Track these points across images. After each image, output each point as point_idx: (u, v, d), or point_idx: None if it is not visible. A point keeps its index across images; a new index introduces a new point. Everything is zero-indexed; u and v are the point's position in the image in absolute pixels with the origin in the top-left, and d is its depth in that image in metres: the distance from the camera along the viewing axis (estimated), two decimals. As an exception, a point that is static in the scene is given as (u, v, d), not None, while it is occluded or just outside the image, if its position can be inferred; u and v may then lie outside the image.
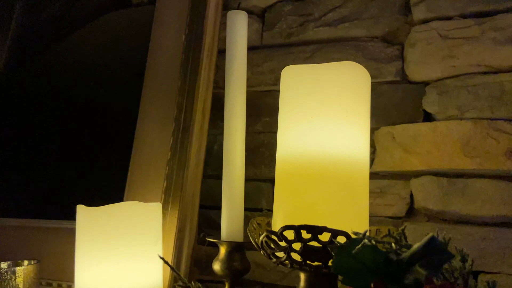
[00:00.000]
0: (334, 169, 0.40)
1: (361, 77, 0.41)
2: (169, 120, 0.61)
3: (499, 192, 0.53)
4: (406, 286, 0.24)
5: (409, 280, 0.23)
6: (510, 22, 0.55)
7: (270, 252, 0.38)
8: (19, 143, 0.73)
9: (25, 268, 0.55)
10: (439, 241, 0.24)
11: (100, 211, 0.45)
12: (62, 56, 0.78)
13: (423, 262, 0.24)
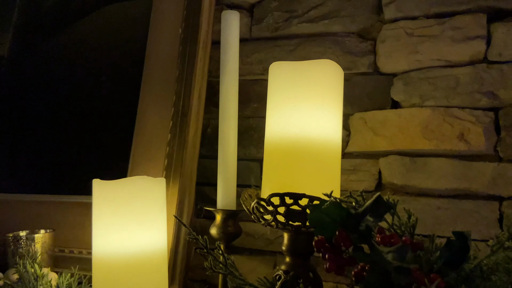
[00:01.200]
0: (312, 148, 0.49)
1: (335, 72, 0.50)
2: (168, 105, 0.68)
3: (452, 169, 0.63)
4: (360, 231, 0.33)
5: (362, 227, 0.32)
6: (466, 23, 0.64)
7: (260, 216, 0.47)
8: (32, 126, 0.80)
9: (42, 235, 0.62)
10: (384, 199, 0.33)
11: (113, 184, 0.53)
12: (65, 43, 0.83)
13: (372, 213, 0.33)
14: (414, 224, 0.40)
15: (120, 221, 0.52)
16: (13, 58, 0.87)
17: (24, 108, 0.82)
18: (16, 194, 0.74)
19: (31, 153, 0.78)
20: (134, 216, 0.53)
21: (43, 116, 0.79)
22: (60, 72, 0.82)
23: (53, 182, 0.74)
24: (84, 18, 0.82)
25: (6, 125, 0.82)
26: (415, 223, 0.40)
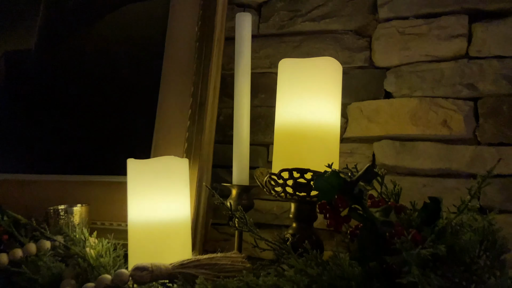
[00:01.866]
0: (315, 132, 0.58)
1: (335, 68, 0.59)
2: (187, 96, 0.77)
3: (437, 151, 0.72)
4: (354, 195, 0.42)
5: (356, 190, 0.41)
6: (450, 23, 0.72)
7: (271, 188, 0.56)
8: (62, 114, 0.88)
9: (79, 208, 0.72)
10: (372, 169, 0.42)
11: (145, 163, 0.62)
12: (89, 39, 0.91)
13: (363, 180, 0.42)
14: (399, 192, 0.49)
15: (150, 194, 0.61)
16: (40, 51, 0.95)
17: (53, 97, 0.90)
18: (52, 175, 0.83)
19: (62, 138, 0.86)
20: (163, 190, 0.62)
21: (72, 105, 0.88)
22: (85, 65, 0.90)
23: (83, 164, 0.83)
24: (106, 16, 0.91)
25: (39, 113, 0.90)
26: (399, 192, 0.49)
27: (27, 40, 0.96)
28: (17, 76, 0.95)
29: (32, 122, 0.89)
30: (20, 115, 0.91)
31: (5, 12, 1.00)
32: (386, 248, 0.42)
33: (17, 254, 0.59)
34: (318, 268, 0.43)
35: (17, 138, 0.89)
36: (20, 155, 0.88)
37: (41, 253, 0.58)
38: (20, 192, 0.79)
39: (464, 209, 0.44)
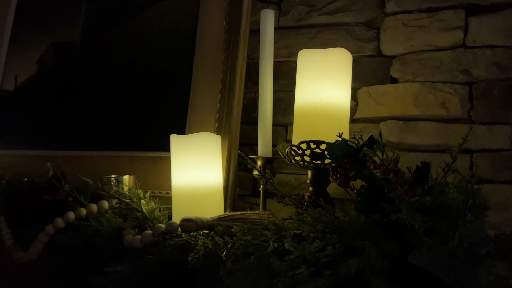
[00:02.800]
0: (328, 112, 0.69)
1: (346, 57, 0.69)
2: (216, 82, 0.88)
3: (435, 130, 0.82)
4: (359, 158, 0.53)
5: (361, 155, 0.53)
6: (449, 16, 0.82)
7: (292, 157, 0.68)
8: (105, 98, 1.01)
9: (127, 178, 0.84)
10: (374, 137, 0.53)
11: (185, 138, 0.74)
12: (128, 31, 1.03)
13: (366, 146, 0.53)
14: (397, 158, 0.60)
15: (190, 164, 0.74)
16: (85, 42, 1.07)
17: (98, 83, 1.02)
18: (102, 151, 0.96)
19: (109, 119, 0.99)
20: (200, 161, 0.74)
21: (116, 91, 1.00)
22: (125, 54, 1.02)
23: (128, 141, 0.95)
24: (144, 11, 1.02)
25: (86, 98, 1.03)
26: (397, 158, 0.60)
27: (73, 33, 1.08)
28: (64, 65, 1.08)
29: (81, 106, 1.02)
30: (69, 100, 1.04)
31: (52, 7, 1.13)
32: (384, 200, 0.53)
33: (82, 212, 0.72)
34: (330, 217, 0.54)
35: (69, 120, 1.02)
36: (72, 134, 1.01)
37: (103, 211, 0.71)
38: (75, 166, 0.91)
39: (448, 171, 0.55)
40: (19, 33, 1.15)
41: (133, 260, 0.60)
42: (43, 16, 1.13)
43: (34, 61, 1.10)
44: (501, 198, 0.77)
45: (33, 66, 1.10)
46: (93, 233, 0.67)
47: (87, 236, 0.68)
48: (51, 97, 1.06)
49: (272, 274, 0.46)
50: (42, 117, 1.06)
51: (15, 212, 0.82)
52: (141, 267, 0.59)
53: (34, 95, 1.08)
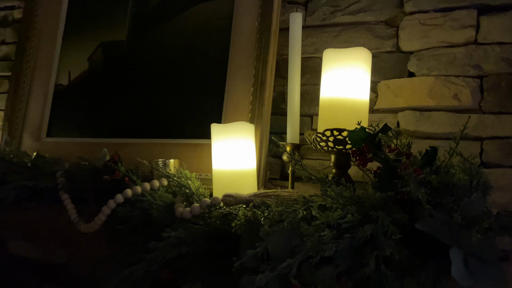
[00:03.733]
0: (350, 104, 0.78)
1: (366, 55, 0.79)
2: (249, 77, 0.99)
3: (448, 119, 0.90)
4: (375, 143, 0.63)
5: (376, 140, 0.62)
6: (462, 16, 0.89)
7: (317, 143, 0.78)
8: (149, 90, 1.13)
9: (173, 161, 0.96)
10: (388, 125, 0.63)
11: (224, 126, 0.85)
12: (168, 31, 1.15)
13: (381, 132, 0.62)
14: (409, 143, 0.69)
15: (228, 149, 0.85)
16: (131, 41, 1.19)
17: (143, 78, 1.15)
18: (149, 139, 1.08)
19: (154, 111, 1.11)
20: (237, 146, 0.85)
21: (158, 85, 1.12)
22: (167, 52, 1.14)
23: (170, 129, 1.07)
24: (183, 12, 1.13)
25: (130, 91, 1.15)
26: (410, 143, 0.69)
27: (120, 33, 1.21)
28: (113, 61, 1.20)
29: (129, 99, 1.15)
30: (117, 94, 1.17)
31: (100, 9, 1.25)
32: (397, 179, 0.63)
33: (138, 189, 0.84)
34: (350, 192, 0.64)
35: (118, 111, 1.15)
36: (121, 124, 1.14)
37: (155, 188, 0.83)
38: (125, 152, 1.04)
39: (453, 153, 0.64)
40: (70, 32, 1.29)
41: (183, 228, 0.72)
42: (92, 17, 1.26)
43: (86, 58, 1.24)
44: (508, 181, 0.85)
45: (85, 63, 1.24)
46: (148, 207, 0.79)
47: (143, 209, 0.80)
48: (102, 91, 1.19)
49: (302, 236, 0.57)
50: (94, 109, 1.19)
51: (77, 191, 0.95)
52: (191, 234, 0.71)
53: (87, 89, 1.22)
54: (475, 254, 0.54)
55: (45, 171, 0.97)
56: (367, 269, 0.54)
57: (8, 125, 1.23)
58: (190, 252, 0.71)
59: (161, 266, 0.72)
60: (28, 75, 1.27)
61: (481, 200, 0.61)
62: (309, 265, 0.56)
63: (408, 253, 0.60)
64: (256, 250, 0.55)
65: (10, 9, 1.50)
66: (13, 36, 1.47)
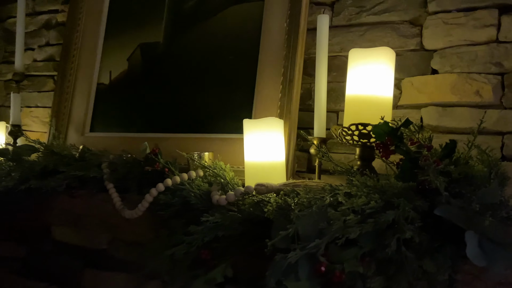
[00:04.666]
0: (374, 101, 0.84)
1: (390, 55, 0.84)
2: (278, 75, 1.05)
3: (470, 114, 0.94)
4: (398, 136, 0.68)
5: (399, 133, 0.68)
6: (484, 15, 0.93)
7: (343, 137, 0.84)
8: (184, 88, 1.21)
9: (208, 154, 1.04)
10: (409, 119, 0.68)
11: (256, 121, 0.92)
12: (202, 32, 1.22)
13: (403, 126, 0.67)
14: (430, 137, 0.74)
15: (259, 142, 0.91)
16: (167, 42, 1.28)
17: (178, 77, 1.23)
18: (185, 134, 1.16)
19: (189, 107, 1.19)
20: (268, 140, 0.91)
21: (192, 83, 1.20)
22: (200, 52, 1.21)
23: (204, 125, 1.15)
24: (215, 15, 1.20)
25: (166, 89, 1.24)
26: (431, 136, 0.74)
27: (156, 35, 1.29)
28: (150, 62, 1.29)
29: (165, 96, 1.23)
30: (155, 92, 1.25)
31: (138, 14, 1.34)
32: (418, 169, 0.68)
33: (177, 179, 0.92)
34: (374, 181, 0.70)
35: (156, 108, 1.24)
36: (158, 120, 1.23)
37: (193, 178, 0.91)
38: (164, 145, 1.12)
39: (471, 146, 0.69)
40: (111, 35, 1.38)
41: (220, 213, 0.79)
42: (131, 21, 1.35)
43: (125, 58, 1.33)
44: (528, 174, 0.88)
45: (125, 63, 1.33)
46: (187, 195, 0.87)
47: (183, 197, 0.88)
48: (141, 89, 1.28)
49: (329, 219, 0.63)
50: (133, 106, 1.28)
51: (121, 180, 1.04)
52: (227, 219, 0.78)
53: (126, 87, 1.31)
54: (489, 238, 0.59)
55: (92, 163, 1.06)
56: (389, 249, 0.60)
57: (55, 121, 1.33)
58: (226, 235, 0.78)
59: (199, 247, 0.79)
60: (73, 75, 1.37)
61: (497, 189, 0.66)
62: (336, 246, 0.62)
63: (428, 237, 0.65)
64: (287, 231, 0.62)
65: (53, 12, 1.61)
66: (56, 38, 1.59)
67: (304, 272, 0.60)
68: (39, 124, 1.58)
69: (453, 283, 0.66)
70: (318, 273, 0.59)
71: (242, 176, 0.94)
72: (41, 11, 1.63)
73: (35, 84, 1.61)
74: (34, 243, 1.35)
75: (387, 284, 0.63)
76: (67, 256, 1.29)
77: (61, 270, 1.31)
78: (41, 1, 1.64)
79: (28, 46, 1.60)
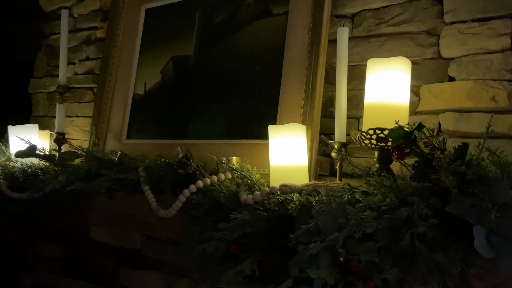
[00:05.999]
0: (391, 107, 0.89)
1: (406, 64, 0.89)
2: (301, 84, 1.12)
3: (487, 119, 0.98)
4: (411, 139, 0.73)
5: (412, 136, 0.73)
6: (498, 25, 0.97)
7: (362, 141, 0.89)
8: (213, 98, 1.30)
9: (235, 158, 1.11)
10: (422, 124, 0.73)
11: (280, 127, 0.99)
12: (230, 45, 1.31)
13: (417, 129, 0.73)
14: (444, 139, 0.79)
15: (283, 147, 0.98)
16: (197, 55, 1.37)
17: (208, 87, 1.32)
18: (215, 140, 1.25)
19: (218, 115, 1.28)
20: (291, 144, 0.98)
21: (222, 92, 1.29)
22: (228, 64, 1.30)
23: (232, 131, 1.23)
24: (243, 29, 1.29)
25: (197, 98, 1.33)
26: (445, 139, 0.79)
27: (187, 48, 1.39)
28: (182, 73, 1.39)
29: (196, 105, 1.32)
30: (186, 101, 1.35)
31: (171, 29, 1.45)
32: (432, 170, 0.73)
33: (207, 181, 1.00)
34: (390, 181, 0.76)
35: (187, 116, 1.33)
36: (189, 127, 1.32)
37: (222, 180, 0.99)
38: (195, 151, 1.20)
39: (482, 148, 0.73)
40: (145, 49, 1.49)
41: (247, 211, 0.86)
42: (164, 36, 1.45)
43: (159, 71, 1.43)
44: (545, 176, 0.91)
45: (158, 75, 1.43)
46: (217, 195, 0.95)
47: (213, 197, 0.96)
48: (173, 99, 1.38)
49: (347, 215, 0.69)
50: (167, 114, 1.38)
51: (156, 183, 1.13)
52: (253, 216, 0.85)
53: (160, 97, 1.41)
54: (497, 232, 0.63)
55: (129, 167, 1.16)
56: (403, 243, 0.65)
57: (95, 129, 1.45)
58: (253, 231, 0.85)
59: (228, 243, 0.87)
60: (111, 86, 1.48)
61: (507, 188, 0.70)
62: (353, 240, 0.68)
63: (441, 233, 0.70)
64: (309, 225, 0.68)
65: (93, 29, 1.74)
66: (96, 53, 1.71)
67: (325, 262, 0.66)
68: (79, 133, 1.70)
69: (466, 277, 0.71)
70: (337, 263, 0.65)
71: (268, 179, 1.01)
72: (82, 28, 1.76)
73: (76, 96, 1.74)
74: (73, 243, 1.46)
75: (402, 275, 0.68)
76: (103, 255, 1.38)
77: (98, 269, 1.41)
78: (81, 19, 1.77)
79: (70, 61, 1.73)
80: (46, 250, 1.57)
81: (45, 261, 1.58)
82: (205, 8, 1.38)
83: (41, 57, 1.91)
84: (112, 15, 1.54)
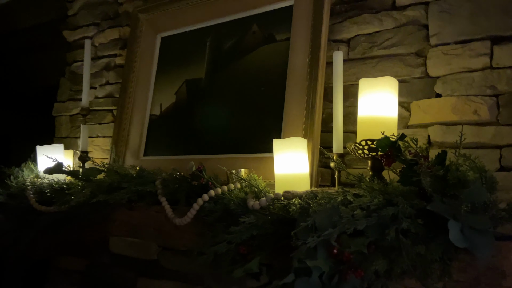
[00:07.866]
0: (381, 121, 1.00)
1: (393, 83, 1.01)
2: (302, 102, 1.24)
3: (470, 131, 1.08)
4: (396, 147, 0.84)
5: (397, 145, 0.83)
6: (478, 46, 1.08)
7: (355, 151, 1.00)
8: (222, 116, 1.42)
9: (244, 170, 1.22)
10: (404, 134, 0.84)
11: (283, 141, 1.10)
12: (238, 68, 1.44)
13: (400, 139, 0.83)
14: (427, 148, 0.89)
15: (286, 158, 1.09)
16: (208, 78, 1.50)
17: (217, 107, 1.44)
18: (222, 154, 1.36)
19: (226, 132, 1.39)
20: (294, 156, 1.09)
21: (230, 111, 1.41)
22: (236, 85, 1.43)
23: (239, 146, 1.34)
24: (249, 54, 1.42)
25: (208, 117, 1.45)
26: (428, 148, 0.89)
27: (199, 72, 1.52)
28: (194, 95, 1.52)
29: (207, 124, 1.44)
30: (198, 120, 1.47)
31: (185, 55, 1.59)
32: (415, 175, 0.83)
33: (218, 191, 1.11)
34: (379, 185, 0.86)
35: (199, 133, 1.45)
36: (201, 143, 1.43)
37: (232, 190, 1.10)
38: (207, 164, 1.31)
39: (458, 154, 0.83)
40: (161, 73, 1.63)
41: (254, 216, 0.96)
42: (178, 60, 1.59)
43: (173, 93, 1.56)
44: (525, 182, 1.00)
45: (173, 97, 1.56)
46: (227, 202, 1.05)
47: (224, 205, 1.06)
48: (186, 118, 1.50)
49: (340, 214, 0.79)
50: (180, 133, 1.50)
51: (172, 194, 1.24)
52: (260, 220, 0.95)
53: (174, 117, 1.54)
54: (470, 226, 0.73)
55: (148, 180, 1.27)
56: (388, 237, 0.75)
57: (115, 147, 1.57)
58: (260, 234, 0.95)
59: (238, 244, 0.97)
60: (129, 108, 1.62)
61: (481, 188, 0.79)
62: (346, 236, 0.78)
63: (424, 229, 0.80)
64: (307, 223, 0.78)
65: (113, 56, 1.89)
66: (115, 78, 1.86)
67: (321, 254, 0.76)
68: (100, 151, 1.84)
69: (448, 269, 0.80)
70: (331, 255, 0.75)
71: (273, 188, 1.11)
72: (102, 56, 1.92)
73: (96, 117, 1.88)
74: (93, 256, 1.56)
75: (390, 266, 0.78)
76: (122, 267, 1.48)
77: (116, 281, 1.50)
78: (102, 47, 1.93)
79: (91, 85, 1.88)
80: (67, 263, 1.66)
81: (66, 274, 1.67)
82: (215, 35, 1.52)
83: (64, 83, 2.07)
84: (131, 43, 1.69)
